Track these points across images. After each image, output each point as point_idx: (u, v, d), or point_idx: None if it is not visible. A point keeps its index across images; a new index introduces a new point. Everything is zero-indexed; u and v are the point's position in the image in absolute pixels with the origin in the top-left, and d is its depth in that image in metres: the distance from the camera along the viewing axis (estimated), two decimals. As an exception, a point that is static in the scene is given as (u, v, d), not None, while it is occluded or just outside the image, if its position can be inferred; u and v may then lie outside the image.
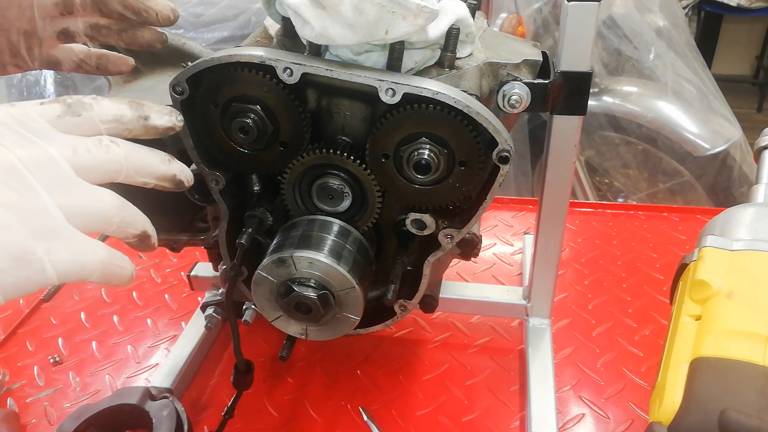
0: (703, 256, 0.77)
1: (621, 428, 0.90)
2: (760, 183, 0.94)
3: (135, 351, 1.07)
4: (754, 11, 4.50)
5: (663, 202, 2.31)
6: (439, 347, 1.05)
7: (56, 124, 0.48)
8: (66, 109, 0.48)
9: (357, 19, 0.61)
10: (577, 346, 1.04)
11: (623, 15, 2.30)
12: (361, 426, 0.91)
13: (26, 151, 0.44)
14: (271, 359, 1.03)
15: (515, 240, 1.34)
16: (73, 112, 0.49)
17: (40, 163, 0.45)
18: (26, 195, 0.43)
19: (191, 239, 0.94)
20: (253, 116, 0.68)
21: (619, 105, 2.30)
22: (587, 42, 0.75)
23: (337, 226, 0.74)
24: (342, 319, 0.74)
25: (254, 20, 2.34)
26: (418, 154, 0.67)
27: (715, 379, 0.63)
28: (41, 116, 0.47)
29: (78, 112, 0.49)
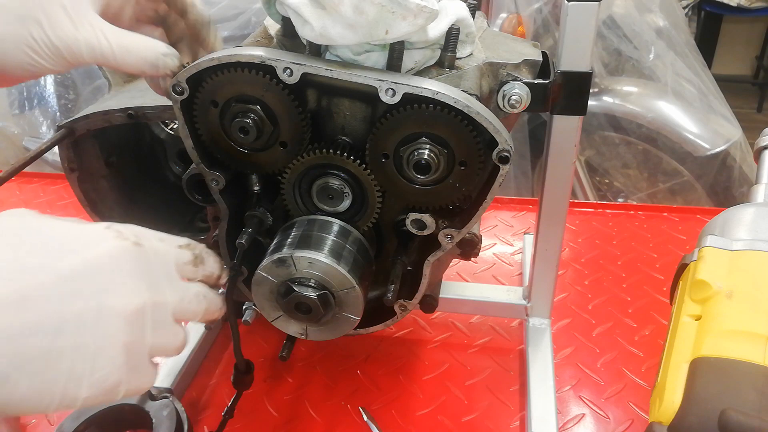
0: (703, 256, 0.77)
1: (621, 428, 0.90)
2: (760, 183, 0.94)
3: (135, 351, 1.07)
4: (754, 11, 4.50)
5: (663, 202, 2.31)
6: (439, 347, 1.05)
7: (180, 269, 0.59)
8: (192, 260, 0.60)
9: (357, 19, 0.61)
10: (577, 346, 1.04)
11: (623, 15, 2.30)
12: (361, 426, 0.91)
13: (154, 296, 0.54)
14: (271, 359, 1.03)
15: (515, 240, 1.34)
16: (195, 263, 0.61)
17: (158, 308, 0.54)
18: (139, 337, 0.52)
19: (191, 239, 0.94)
20: (253, 116, 0.68)
21: (619, 105, 2.30)
22: (587, 42, 0.75)
23: (337, 226, 0.74)
24: (342, 319, 0.74)
25: (254, 20, 2.34)
26: (418, 154, 0.67)
27: (715, 379, 0.63)
28: (174, 260, 0.58)
29: (199, 263, 0.61)
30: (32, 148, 0.80)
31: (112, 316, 0.50)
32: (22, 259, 0.48)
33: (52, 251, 0.50)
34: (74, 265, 0.49)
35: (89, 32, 0.61)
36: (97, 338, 0.49)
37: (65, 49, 0.60)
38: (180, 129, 0.71)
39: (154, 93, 0.74)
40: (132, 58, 0.63)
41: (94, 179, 0.92)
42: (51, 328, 0.46)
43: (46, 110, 2.58)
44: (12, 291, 0.46)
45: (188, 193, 0.83)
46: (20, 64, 0.60)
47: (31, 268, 0.48)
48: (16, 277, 0.47)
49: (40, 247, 0.50)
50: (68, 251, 0.50)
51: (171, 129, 0.96)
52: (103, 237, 0.53)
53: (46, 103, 2.55)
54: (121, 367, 0.50)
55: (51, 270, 0.48)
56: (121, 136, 0.94)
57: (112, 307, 0.50)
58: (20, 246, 0.49)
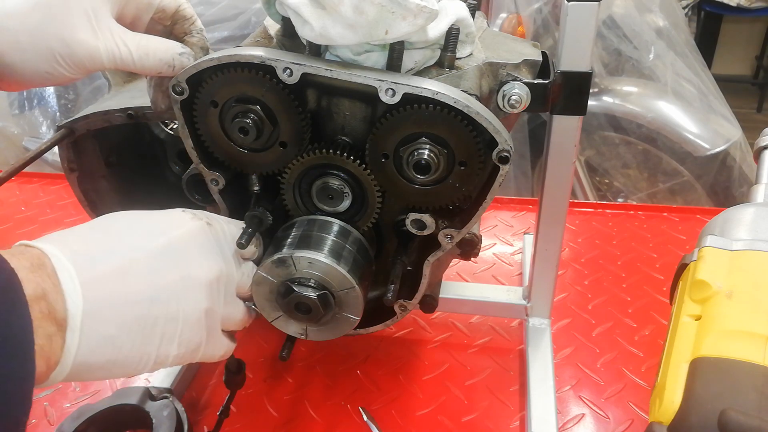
0: (703, 256, 0.77)
1: (621, 428, 0.90)
2: (760, 183, 0.94)
3: (135, 351, 1.07)
4: (754, 11, 4.50)
5: (663, 202, 2.31)
6: (439, 347, 1.05)
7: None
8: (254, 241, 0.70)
9: (357, 19, 0.61)
10: (577, 346, 1.04)
11: (623, 15, 2.30)
12: (361, 426, 0.91)
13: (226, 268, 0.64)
14: (271, 359, 1.03)
15: (515, 240, 1.34)
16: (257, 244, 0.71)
17: (229, 280, 0.65)
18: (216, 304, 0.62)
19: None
20: (252, 116, 0.68)
21: (619, 105, 2.30)
22: (587, 42, 0.75)
23: (337, 226, 0.74)
24: (342, 319, 0.74)
25: (254, 20, 2.34)
26: (418, 154, 0.67)
27: (715, 379, 0.63)
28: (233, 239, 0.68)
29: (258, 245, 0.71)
30: (32, 148, 0.80)
31: (195, 284, 0.59)
32: (119, 240, 0.56)
33: (143, 233, 0.58)
34: (162, 243, 0.58)
35: (108, 39, 0.63)
36: (183, 304, 0.57)
37: (86, 58, 0.62)
38: (180, 129, 0.71)
39: (155, 93, 0.74)
40: (150, 60, 0.65)
41: (94, 179, 0.92)
42: (147, 297, 0.54)
43: (46, 110, 2.58)
44: (114, 267, 0.53)
45: (188, 193, 0.83)
46: (39, 72, 0.62)
47: (127, 247, 0.55)
48: (116, 255, 0.54)
49: (132, 231, 0.58)
50: (156, 233, 0.59)
51: (171, 129, 0.96)
52: (182, 219, 0.62)
53: (46, 103, 2.55)
54: (202, 330, 0.59)
55: (143, 249, 0.56)
56: (121, 136, 0.94)
57: (195, 277, 0.59)
58: (116, 231, 0.57)
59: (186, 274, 0.58)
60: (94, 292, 0.50)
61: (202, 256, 0.61)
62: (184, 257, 0.59)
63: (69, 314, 0.48)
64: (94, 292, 0.50)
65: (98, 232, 0.57)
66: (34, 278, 0.46)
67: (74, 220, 1.44)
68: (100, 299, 0.50)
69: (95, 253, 0.53)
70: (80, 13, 0.61)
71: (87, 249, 0.53)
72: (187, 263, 0.59)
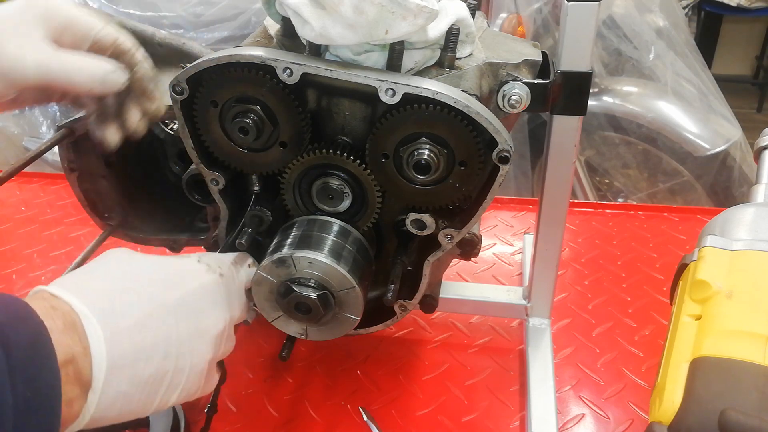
0: (703, 256, 0.77)
1: (621, 428, 0.90)
2: (760, 183, 0.94)
3: (135, 351, 1.07)
4: (754, 11, 4.50)
5: (663, 202, 2.31)
6: (439, 347, 1.05)
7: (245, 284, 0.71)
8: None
9: (357, 19, 0.61)
10: (577, 346, 1.04)
11: (623, 15, 2.30)
12: (361, 426, 0.91)
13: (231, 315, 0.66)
14: (271, 359, 1.03)
15: (515, 240, 1.34)
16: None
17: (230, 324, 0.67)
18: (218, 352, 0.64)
19: (191, 239, 0.95)
20: (253, 116, 0.68)
21: (619, 105, 2.30)
22: (587, 42, 0.75)
23: (336, 226, 0.74)
24: (342, 319, 0.74)
25: (254, 20, 2.34)
26: (418, 154, 0.67)
27: (715, 379, 0.63)
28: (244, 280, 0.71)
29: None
30: (32, 148, 0.80)
31: (205, 338, 0.61)
32: (139, 293, 0.57)
33: (160, 285, 0.59)
34: (177, 297, 0.59)
35: (37, 52, 0.61)
36: (192, 357, 0.59)
37: (10, 70, 0.60)
38: (180, 129, 0.71)
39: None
40: (81, 76, 0.63)
41: (94, 179, 0.92)
42: (161, 353, 0.56)
43: (46, 110, 2.58)
44: (134, 322, 0.54)
45: (188, 193, 0.83)
46: None
47: (146, 301, 0.57)
48: (136, 309, 0.55)
49: (151, 282, 0.59)
50: (172, 285, 0.60)
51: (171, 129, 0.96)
52: (197, 272, 0.64)
53: (46, 103, 2.55)
54: (202, 378, 0.61)
55: (161, 302, 0.57)
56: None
57: (206, 331, 0.61)
58: (136, 282, 0.58)
59: (197, 328, 0.60)
60: (116, 348, 0.52)
61: (213, 310, 0.63)
62: (197, 311, 0.61)
63: (94, 377, 0.50)
64: (116, 348, 0.52)
65: (119, 281, 0.58)
66: (66, 341, 0.48)
67: (74, 220, 1.44)
68: (120, 356, 0.52)
69: (118, 308, 0.54)
70: (13, 33, 0.61)
71: (112, 305, 0.54)
72: (200, 318, 0.61)
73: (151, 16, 2.37)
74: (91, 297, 0.53)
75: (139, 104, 0.71)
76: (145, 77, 0.70)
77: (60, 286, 0.53)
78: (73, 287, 0.54)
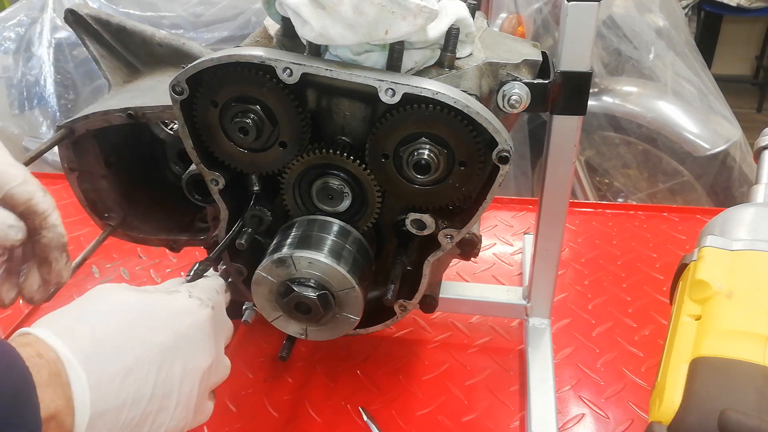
0: (703, 256, 0.77)
1: (621, 428, 0.90)
2: (760, 183, 0.94)
3: (135, 351, 1.07)
4: (754, 11, 4.50)
5: (663, 202, 2.31)
6: (439, 347, 1.05)
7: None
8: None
9: (357, 19, 0.61)
10: (577, 346, 1.04)
11: (623, 15, 2.30)
12: (361, 426, 0.91)
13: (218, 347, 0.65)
14: (271, 359, 1.03)
15: (515, 240, 1.34)
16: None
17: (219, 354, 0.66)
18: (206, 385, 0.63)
19: (191, 239, 0.94)
20: (252, 116, 0.68)
21: (619, 105, 2.30)
22: (587, 42, 0.75)
23: (336, 226, 0.74)
24: (342, 319, 0.74)
25: (254, 20, 2.34)
26: (417, 154, 0.67)
27: (715, 379, 0.63)
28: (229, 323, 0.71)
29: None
30: (32, 148, 0.80)
31: (192, 375, 0.60)
32: (128, 336, 0.56)
33: (150, 326, 0.58)
34: (167, 337, 0.58)
35: None
36: (179, 396, 0.58)
37: None
38: (180, 129, 0.71)
39: (154, 93, 0.74)
40: None
41: (94, 179, 0.92)
42: (146, 396, 0.55)
43: (46, 110, 2.58)
44: (118, 369, 0.53)
45: (188, 193, 0.83)
46: None
47: (136, 343, 0.56)
48: (124, 355, 0.54)
49: (138, 323, 0.58)
50: (162, 326, 0.59)
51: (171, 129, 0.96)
52: (189, 308, 0.63)
53: (46, 103, 2.55)
54: (189, 414, 0.60)
55: (150, 344, 0.57)
56: (121, 136, 0.94)
57: (194, 368, 0.60)
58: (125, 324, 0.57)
59: (186, 368, 0.59)
60: (100, 397, 0.51)
61: (202, 346, 0.62)
62: (186, 349, 0.60)
63: (76, 426, 0.49)
64: (100, 397, 0.51)
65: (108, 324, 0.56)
66: (49, 395, 0.48)
67: (74, 220, 1.44)
68: (104, 404, 0.51)
69: (106, 354, 0.53)
70: None
71: (99, 351, 0.53)
72: (188, 355, 0.60)
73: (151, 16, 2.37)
74: (78, 342, 0.52)
75: (40, 271, 0.65)
76: (51, 244, 0.63)
77: (47, 328, 0.52)
78: (60, 330, 0.53)
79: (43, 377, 0.48)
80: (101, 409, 0.51)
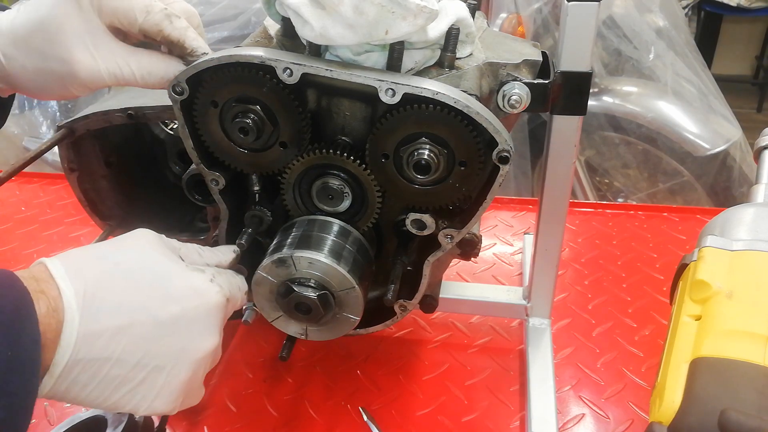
0: (703, 256, 0.77)
1: (621, 428, 0.90)
2: (760, 183, 0.94)
3: (135, 351, 1.07)
4: (754, 11, 4.50)
5: (663, 202, 2.31)
6: (439, 347, 1.05)
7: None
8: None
9: (357, 20, 0.61)
10: (577, 346, 1.04)
11: (623, 15, 2.30)
12: (361, 426, 0.91)
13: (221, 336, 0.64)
14: (271, 359, 1.03)
15: (515, 240, 1.34)
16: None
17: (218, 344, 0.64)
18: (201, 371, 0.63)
19: (191, 239, 0.95)
20: (253, 116, 0.68)
21: (619, 105, 2.30)
22: (587, 42, 0.75)
23: (337, 226, 0.74)
24: (342, 319, 0.74)
25: (254, 20, 2.34)
26: (418, 154, 0.67)
27: (715, 379, 0.63)
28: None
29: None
30: (32, 148, 0.80)
31: (187, 359, 0.59)
32: (135, 293, 0.56)
33: (161, 294, 0.58)
34: (174, 312, 0.58)
35: (109, 60, 0.65)
36: (169, 375, 0.57)
37: (88, 79, 0.64)
38: (180, 129, 0.71)
39: (154, 93, 0.74)
40: (153, 79, 0.67)
41: (94, 179, 0.93)
42: (133, 361, 0.55)
43: (46, 110, 2.58)
44: (113, 324, 0.54)
45: (188, 193, 0.83)
46: (51, 92, 0.66)
47: (136, 305, 0.56)
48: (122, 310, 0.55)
49: (152, 287, 0.58)
50: (174, 298, 0.58)
51: (171, 129, 0.96)
52: (206, 291, 0.62)
53: (46, 103, 2.55)
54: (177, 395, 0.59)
55: (150, 313, 0.56)
56: (121, 136, 0.94)
57: (191, 352, 0.59)
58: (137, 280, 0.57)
59: (183, 348, 0.59)
60: (86, 346, 0.52)
61: (205, 333, 0.61)
62: (189, 332, 0.59)
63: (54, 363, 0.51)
64: (86, 346, 0.52)
65: (123, 276, 0.57)
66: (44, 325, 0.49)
67: (74, 220, 1.44)
68: (87, 352, 0.52)
69: (107, 306, 0.54)
70: (76, 35, 0.63)
71: (101, 301, 0.54)
72: (189, 338, 0.59)
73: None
74: (86, 286, 0.53)
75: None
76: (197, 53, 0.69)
77: (63, 262, 0.54)
78: (72, 268, 0.54)
79: (41, 309, 0.50)
80: (84, 356, 0.52)
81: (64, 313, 0.51)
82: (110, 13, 0.65)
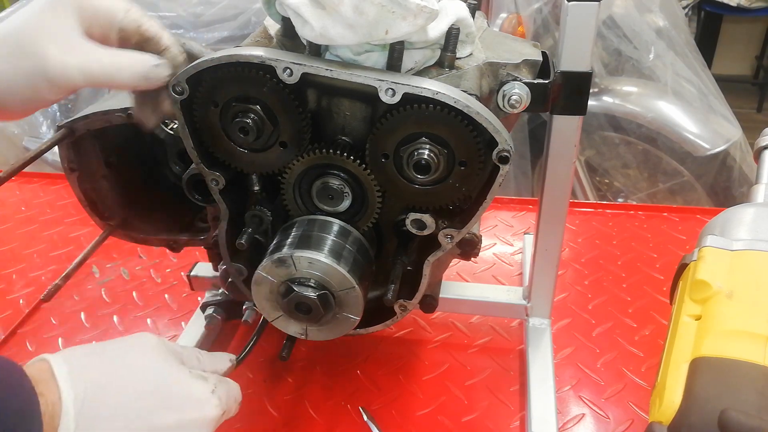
0: (703, 256, 0.77)
1: (621, 428, 0.90)
2: (760, 183, 0.94)
3: (135, 351, 1.07)
4: (754, 11, 4.49)
5: (663, 202, 2.31)
6: (439, 347, 1.05)
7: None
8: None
9: (357, 20, 0.61)
10: (577, 346, 1.04)
11: (623, 15, 2.30)
12: (361, 426, 0.91)
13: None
14: (271, 359, 1.03)
15: (515, 240, 1.34)
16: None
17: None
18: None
19: (191, 239, 0.94)
20: (253, 116, 0.68)
21: (619, 105, 2.30)
22: (587, 42, 0.75)
23: (337, 226, 0.74)
24: (342, 319, 0.74)
25: (254, 20, 2.34)
26: (418, 154, 0.67)
27: (715, 379, 0.63)
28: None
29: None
30: (32, 148, 0.80)
31: None
32: (129, 401, 0.57)
33: (156, 403, 0.59)
34: (169, 423, 0.59)
35: (80, 56, 0.62)
36: None
37: (60, 76, 0.61)
38: (180, 129, 0.71)
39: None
40: (124, 74, 0.64)
41: (94, 179, 0.92)
42: None
43: (46, 110, 2.58)
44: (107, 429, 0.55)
45: (188, 193, 0.83)
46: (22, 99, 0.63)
47: (132, 416, 0.57)
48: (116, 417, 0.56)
49: (148, 395, 0.59)
50: (170, 408, 0.60)
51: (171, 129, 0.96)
52: (205, 403, 0.64)
53: (46, 102, 2.54)
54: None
55: (146, 422, 0.58)
56: (121, 136, 0.94)
57: None
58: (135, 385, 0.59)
59: None
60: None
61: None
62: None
63: None
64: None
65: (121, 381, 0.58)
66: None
67: (74, 220, 1.44)
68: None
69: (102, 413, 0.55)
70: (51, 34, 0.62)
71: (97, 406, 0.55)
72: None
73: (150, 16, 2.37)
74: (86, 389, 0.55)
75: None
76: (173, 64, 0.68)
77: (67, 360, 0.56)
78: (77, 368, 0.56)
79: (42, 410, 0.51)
80: None
81: (61, 419, 0.52)
82: (91, 14, 0.64)
